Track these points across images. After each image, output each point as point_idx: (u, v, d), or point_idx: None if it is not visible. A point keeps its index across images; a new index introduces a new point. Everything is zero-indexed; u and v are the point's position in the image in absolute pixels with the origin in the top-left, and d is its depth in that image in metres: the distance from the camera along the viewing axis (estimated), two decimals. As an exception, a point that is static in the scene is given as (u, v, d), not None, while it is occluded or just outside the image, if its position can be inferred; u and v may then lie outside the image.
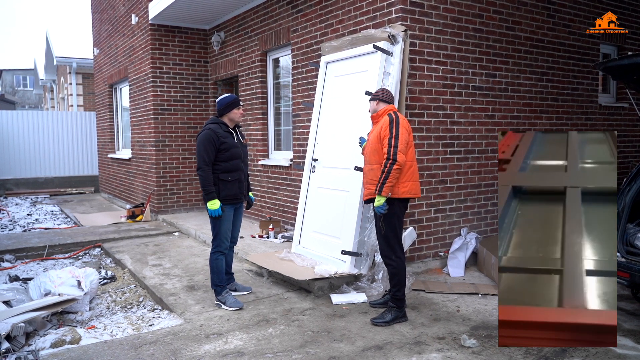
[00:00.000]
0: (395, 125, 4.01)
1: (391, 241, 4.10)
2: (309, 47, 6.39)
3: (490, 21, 5.72)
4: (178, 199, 9.11)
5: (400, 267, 4.11)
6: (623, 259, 3.88)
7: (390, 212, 4.05)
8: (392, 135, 3.98)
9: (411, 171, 4.08)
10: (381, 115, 4.18)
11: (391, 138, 3.98)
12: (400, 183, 4.02)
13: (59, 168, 14.69)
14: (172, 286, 5.16)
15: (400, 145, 3.95)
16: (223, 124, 4.54)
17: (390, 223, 4.08)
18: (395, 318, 4.05)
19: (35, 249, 6.97)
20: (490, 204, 5.94)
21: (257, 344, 3.72)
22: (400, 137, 3.97)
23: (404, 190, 4.04)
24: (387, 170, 3.95)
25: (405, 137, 4.00)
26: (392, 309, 4.08)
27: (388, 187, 3.97)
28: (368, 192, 4.17)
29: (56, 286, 4.55)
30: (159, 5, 8.00)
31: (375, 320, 4.06)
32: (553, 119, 6.47)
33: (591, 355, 3.45)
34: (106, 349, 3.69)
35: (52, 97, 23.38)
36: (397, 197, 4.04)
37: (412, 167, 4.09)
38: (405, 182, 4.04)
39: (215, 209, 4.38)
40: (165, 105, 8.85)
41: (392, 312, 4.06)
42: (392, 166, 3.93)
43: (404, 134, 4.00)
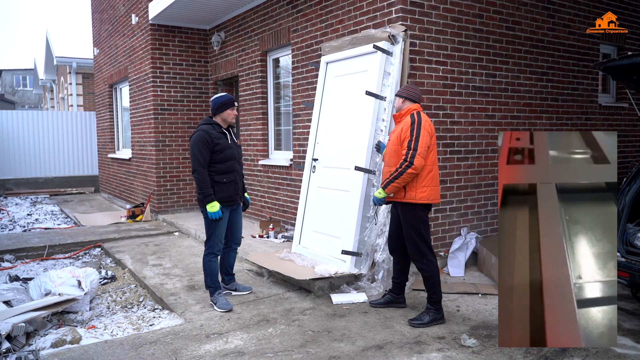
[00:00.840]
0: (416, 127, 3.90)
1: (420, 246, 4.04)
2: (309, 47, 6.40)
3: (490, 21, 5.73)
4: (178, 199, 9.12)
5: (432, 269, 4.04)
6: (623, 258, 3.88)
7: (415, 217, 4.00)
8: (413, 137, 3.89)
9: (430, 176, 3.98)
10: (404, 115, 4.10)
11: (411, 140, 3.88)
12: (418, 188, 3.95)
13: (59, 168, 14.70)
14: (173, 286, 5.16)
15: (420, 149, 3.86)
16: (216, 124, 4.48)
17: (416, 228, 4.02)
18: (433, 320, 4.01)
19: (36, 249, 6.97)
20: (490, 203, 5.94)
21: (258, 344, 3.72)
22: (421, 140, 3.87)
23: (421, 196, 3.97)
24: (401, 170, 3.88)
25: (426, 141, 3.90)
26: (430, 311, 4.04)
27: (394, 187, 3.93)
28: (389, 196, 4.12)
29: (56, 286, 4.55)
30: (159, 5, 8.01)
31: (413, 322, 4.02)
32: (553, 119, 6.47)
33: (591, 355, 3.45)
34: (106, 348, 3.69)
35: (52, 97, 23.38)
36: (418, 203, 3.98)
37: (431, 171, 3.99)
38: (424, 187, 3.97)
39: (215, 212, 4.34)
40: (166, 105, 8.85)
41: (430, 314, 4.03)
42: (406, 168, 3.86)
43: (425, 136, 3.89)
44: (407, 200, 4.00)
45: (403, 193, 4.00)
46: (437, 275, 4.07)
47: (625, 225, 4.06)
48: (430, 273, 4.05)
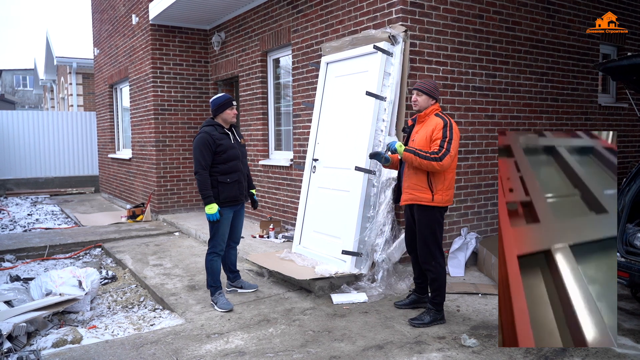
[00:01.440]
0: (449, 131, 3.89)
1: (431, 247, 4.04)
2: (309, 48, 6.40)
3: (491, 22, 5.73)
4: (178, 199, 9.13)
5: (440, 272, 4.03)
6: (623, 258, 3.89)
7: (434, 218, 4.00)
8: (447, 138, 3.86)
9: (451, 177, 4.01)
10: (429, 114, 4.04)
11: (444, 141, 3.85)
12: (443, 190, 3.96)
13: (59, 168, 14.71)
14: (173, 286, 5.17)
15: (453, 151, 3.85)
16: (218, 125, 4.51)
17: (432, 229, 4.02)
18: (434, 320, 4.02)
19: (36, 249, 6.98)
20: (490, 204, 5.95)
21: (258, 344, 3.73)
22: (454, 143, 3.87)
23: (447, 199, 3.99)
24: (429, 158, 3.81)
25: (457, 145, 3.92)
26: (431, 311, 4.05)
27: (411, 159, 3.86)
28: (410, 197, 4.03)
29: (57, 286, 4.56)
30: (160, 6, 8.01)
31: (413, 322, 4.03)
32: (553, 119, 6.48)
33: (591, 355, 3.46)
34: (107, 348, 3.70)
35: (52, 97, 23.39)
36: (439, 206, 3.99)
37: (452, 175, 4.02)
38: (448, 190, 3.99)
39: (212, 214, 4.36)
40: (166, 106, 8.86)
41: (430, 314, 4.04)
42: (433, 160, 3.81)
43: (456, 140, 3.90)
44: (435, 204, 3.96)
45: (431, 196, 3.95)
46: (443, 278, 4.07)
47: (625, 226, 4.07)
48: (437, 275, 4.05)
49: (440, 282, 4.07)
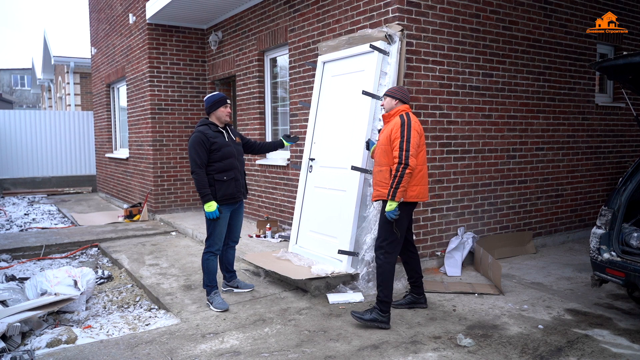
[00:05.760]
0: (406, 128, 3.92)
1: (384, 239, 4.00)
2: (306, 47, 6.39)
3: (487, 21, 5.73)
4: (175, 199, 9.11)
5: (385, 267, 3.96)
6: (619, 258, 3.89)
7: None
8: (404, 138, 3.90)
9: (420, 175, 4.03)
10: (393, 115, 4.11)
11: (402, 141, 3.90)
12: (409, 187, 3.96)
13: (56, 168, 14.68)
14: (169, 286, 5.16)
15: (412, 150, 3.88)
16: (212, 124, 4.53)
17: (388, 224, 3.98)
18: (374, 320, 3.93)
19: (32, 249, 6.96)
20: (487, 203, 5.95)
21: (254, 344, 3.72)
22: (412, 140, 3.90)
23: (412, 194, 3.99)
24: (400, 174, 3.86)
25: (416, 141, 3.93)
26: (374, 310, 3.96)
27: (401, 192, 3.88)
28: (377, 194, 4.09)
29: (52, 286, 4.54)
30: (156, 5, 8.00)
31: (354, 313, 4.01)
32: (550, 118, 6.48)
33: (586, 355, 3.46)
34: (102, 348, 3.69)
35: (49, 96, 23.35)
36: (406, 201, 3.99)
37: (421, 170, 4.04)
38: (414, 186, 3.99)
39: (212, 211, 4.37)
40: (163, 105, 8.84)
41: (372, 313, 3.96)
42: (404, 170, 3.85)
43: (415, 137, 3.92)
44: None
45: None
46: (388, 275, 3.96)
47: (621, 225, 4.07)
48: (383, 270, 3.97)
49: (384, 279, 3.96)
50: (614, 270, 3.87)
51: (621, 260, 3.86)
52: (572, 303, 4.50)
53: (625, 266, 3.80)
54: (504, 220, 6.15)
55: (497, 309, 4.34)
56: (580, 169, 6.93)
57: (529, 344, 3.64)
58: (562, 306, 4.41)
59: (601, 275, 4.01)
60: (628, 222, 4.17)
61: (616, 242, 3.99)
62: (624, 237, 4.05)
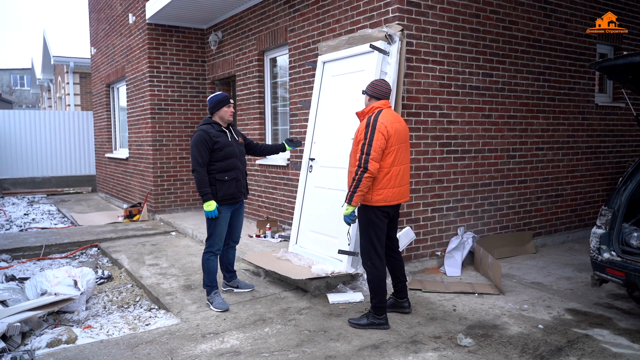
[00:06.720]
0: (370, 130, 3.74)
1: (365, 247, 3.93)
2: (306, 47, 6.39)
3: (487, 21, 5.73)
4: (175, 199, 9.11)
5: (374, 274, 3.89)
6: (619, 258, 3.89)
7: (365, 218, 3.89)
8: (366, 141, 3.73)
9: (387, 178, 3.81)
10: (366, 113, 3.96)
11: (364, 144, 3.73)
12: (374, 191, 3.81)
13: (56, 168, 14.67)
14: (169, 286, 5.16)
15: (374, 153, 3.70)
16: (215, 123, 4.54)
17: (365, 230, 3.91)
18: (371, 324, 3.91)
19: (32, 249, 6.95)
20: (487, 203, 5.95)
21: (254, 344, 3.72)
22: (375, 143, 3.71)
23: (377, 198, 3.82)
24: (358, 178, 3.73)
25: (380, 144, 3.73)
26: (370, 315, 3.95)
27: (358, 197, 3.76)
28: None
29: (52, 286, 4.54)
30: (156, 5, 7.99)
31: (351, 320, 4.01)
32: (550, 118, 6.48)
33: (587, 354, 3.46)
34: (102, 348, 3.68)
35: (49, 96, 23.35)
36: (372, 205, 3.85)
37: (389, 173, 3.82)
38: (380, 190, 3.81)
39: (211, 210, 4.37)
40: (163, 105, 8.84)
41: (368, 318, 3.95)
42: (362, 174, 3.71)
43: (379, 139, 3.72)
44: (366, 203, 3.87)
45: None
46: (378, 281, 3.89)
47: (621, 225, 4.07)
48: (372, 277, 3.91)
49: (375, 286, 3.90)
50: (614, 270, 3.87)
51: (621, 260, 3.86)
52: (572, 303, 4.50)
53: (625, 266, 3.80)
54: (504, 220, 6.15)
55: (497, 309, 4.34)
56: (580, 169, 6.93)
57: (529, 343, 3.65)
58: (562, 306, 4.42)
59: (601, 275, 4.01)
60: (628, 222, 4.17)
61: (616, 242, 3.99)
62: (624, 236, 4.05)
